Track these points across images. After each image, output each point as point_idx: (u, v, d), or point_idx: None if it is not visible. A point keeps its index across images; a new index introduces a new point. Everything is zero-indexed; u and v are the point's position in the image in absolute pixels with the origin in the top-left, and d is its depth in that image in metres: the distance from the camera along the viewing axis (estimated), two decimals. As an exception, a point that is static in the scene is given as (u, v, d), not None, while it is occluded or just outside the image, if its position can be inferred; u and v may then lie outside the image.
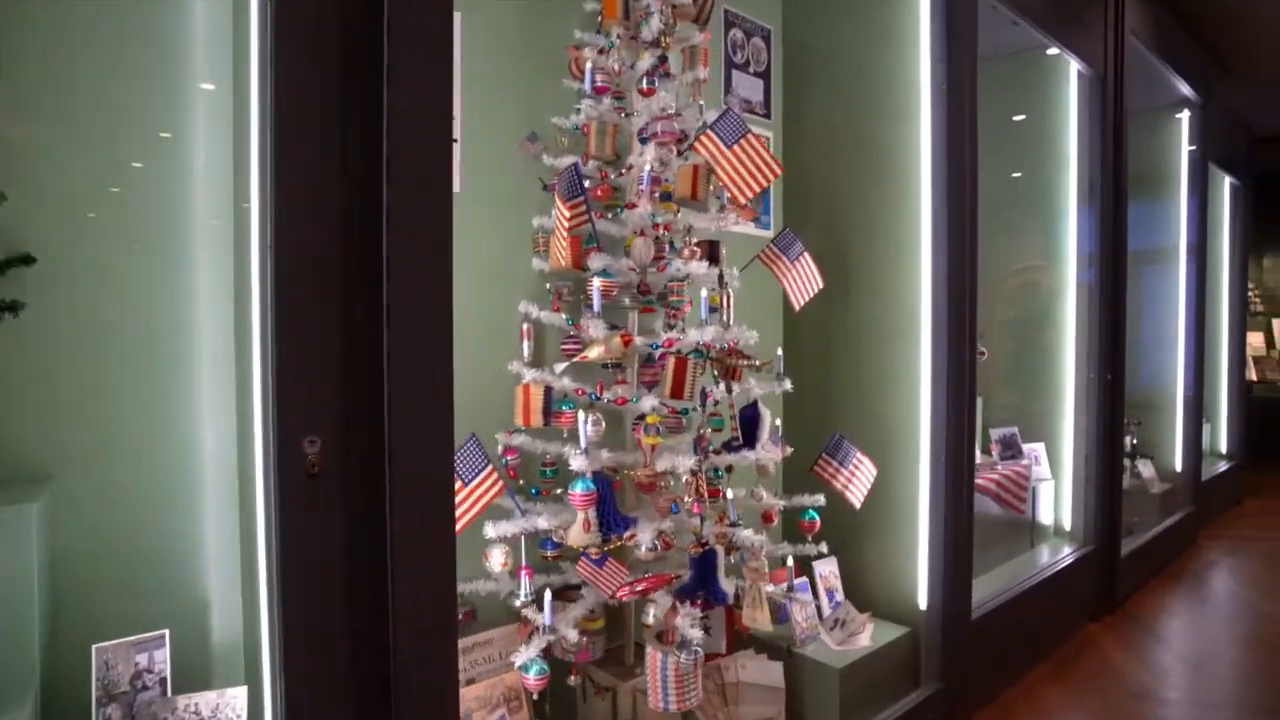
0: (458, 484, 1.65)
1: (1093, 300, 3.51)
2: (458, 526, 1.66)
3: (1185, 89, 4.61)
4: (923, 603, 2.40)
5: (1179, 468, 4.80)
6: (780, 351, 2.25)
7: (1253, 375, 7.26)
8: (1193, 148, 4.79)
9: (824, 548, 2.32)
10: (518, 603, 1.79)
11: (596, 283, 1.80)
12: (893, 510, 2.52)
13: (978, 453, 3.49)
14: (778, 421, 2.30)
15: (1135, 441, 4.52)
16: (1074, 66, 3.50)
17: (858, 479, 2.31)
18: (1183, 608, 3.68)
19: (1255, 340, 7.46)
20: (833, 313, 2.71)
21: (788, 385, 2.21)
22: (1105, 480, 3.52)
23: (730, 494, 1.92)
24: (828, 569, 2.57)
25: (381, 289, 1.08)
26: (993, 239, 3.96)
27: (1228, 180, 5.88)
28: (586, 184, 2.06)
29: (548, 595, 1.71)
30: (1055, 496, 3.63)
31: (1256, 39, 4.91)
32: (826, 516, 2.31)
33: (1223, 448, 5.95)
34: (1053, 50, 3.36)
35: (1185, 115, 4.79)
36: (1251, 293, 7.66)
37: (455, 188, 2.03)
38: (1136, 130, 4.94)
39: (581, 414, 1.73)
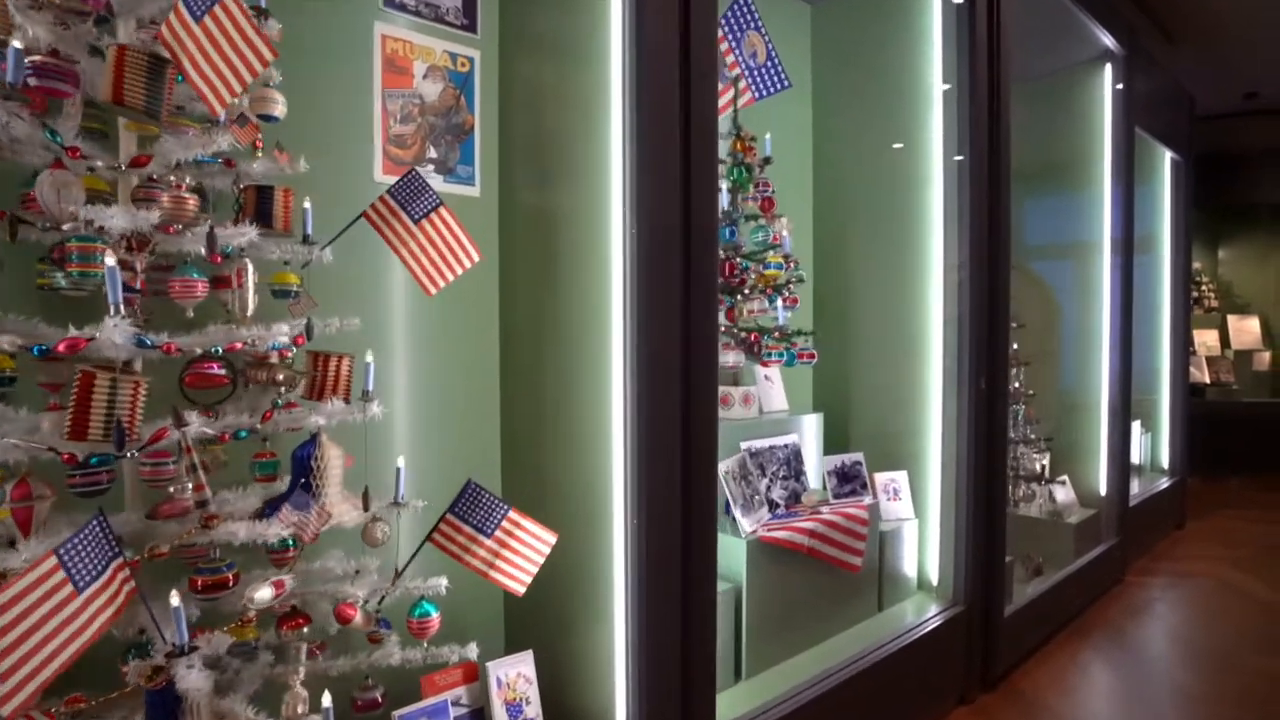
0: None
1: (964, 290, 2.72)
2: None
3: (1105, 38, 3.84)
4: (621, 734, 1.60)
5: (1103, 490, 4.03)
6: (370, 359, 1.45)
7: (1205, 378, 6.51)
8: (1112, 112, 4.01)
9: (472, 650, 1.57)
10: None
11: None
12: (600, 591, 1.71)
13: (813, 484, 2.70)
14: (400, 462, 1.52)
15: (1045, 463, 3.75)
16: (936, -12, 2.73)
17: (511, 552, 1.52)
18: (1084, 680, 2.90)
19: (1209, 339, 6.71)
20: (544, 303, 1.91)
21: (375, 411, 1.43)
22: (981, 517, 2.74)
23: (176, 598, 1.11)
24: (514, 671, 1.77)
25: None
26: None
27: (1168, 155, 5.12)
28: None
29: None
30: (920, 541, 2.84)
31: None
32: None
33: (1164, 461, 5.18)
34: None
35: (1108, 72, 4.01)
36: (1205, 287, 6.93)
37: None
38: (1051, 96, 4.18)
39: None
